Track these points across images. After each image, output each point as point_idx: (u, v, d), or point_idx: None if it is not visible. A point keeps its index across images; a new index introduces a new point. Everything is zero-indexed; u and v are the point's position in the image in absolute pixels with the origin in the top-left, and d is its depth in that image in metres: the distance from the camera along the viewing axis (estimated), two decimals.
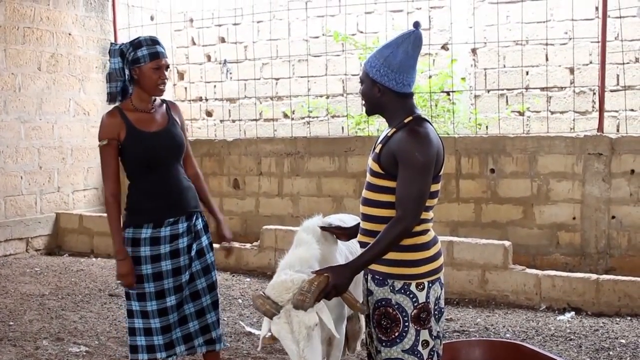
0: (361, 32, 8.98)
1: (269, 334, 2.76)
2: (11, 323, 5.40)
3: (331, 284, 2.58)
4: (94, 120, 9.03)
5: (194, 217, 3.64)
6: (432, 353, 2.67)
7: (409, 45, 2.61)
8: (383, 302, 2.64)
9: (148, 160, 3.50)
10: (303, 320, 2.65)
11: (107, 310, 5.76)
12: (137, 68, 3.45)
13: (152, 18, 9.90)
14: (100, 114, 9.06)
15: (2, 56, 7.92)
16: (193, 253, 3.60)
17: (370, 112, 2.78)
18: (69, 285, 6.65)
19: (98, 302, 6.03)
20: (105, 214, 8.36)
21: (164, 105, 3.66)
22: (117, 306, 5.89)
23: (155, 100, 3.59)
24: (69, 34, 8.68)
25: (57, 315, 5.62)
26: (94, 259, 7.96)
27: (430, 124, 2.67)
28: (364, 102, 2.77)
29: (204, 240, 3.67)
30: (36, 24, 8.26)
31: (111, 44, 3.58)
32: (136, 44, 3.46)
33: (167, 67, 3.51)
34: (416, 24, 2.65)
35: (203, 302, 3.62)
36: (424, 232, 2.65)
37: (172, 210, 3.55)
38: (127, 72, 3.49)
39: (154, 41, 3.49)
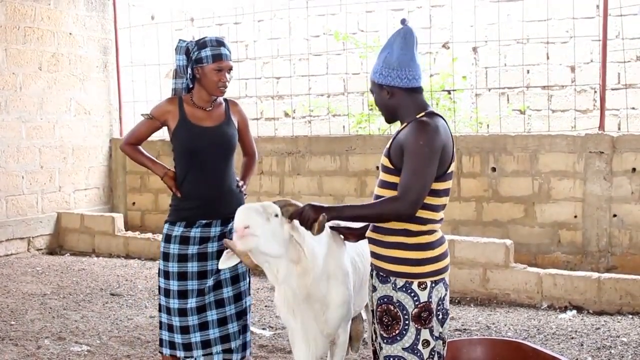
0: (362, 31, 8.97)
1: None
2: (13, 322, 5.40)
3: (306, 208, 2.68)
4: (94, 119, 9.04)
5: (231, 223, 3.57)
6: (433, 353, 2.66)
7: (401, 40, 2.64)
8: (385, 299, 2.65)
9: (191, 152, 3.52)
10: (263, 203, 2.81)
11: (108, 310, 5.77)
12: (199, 67, 3.48)
13: (152, 17, 9.90)
14: (101, 114, 9.11)
15: (3, 56, 7.92)
16: None
17: (389, 119, 2.78)
18: (70, 285, 6.65)
19: (99, 302, 6.03)
20: (106, 214, 8.46)
21: (224, 104, 3.67)
22: (118, 305, 5.90)
23: (215, 99, 3.61)
24: (70, 34, 8.68)
25: (59, 314, 5.63)
26: (95, 259, 7.96)
27: (444, 119, 2.67)
28: (380, 111, 2.78)
29: None
30: (37, 23, 8.27)
31: (179, 40, 3.59)
32: (201, 44, 3.48)
33: (230, 69, 3.52)
34: (403, 21, 2.70)
35: (226, 311, 3.60)
36: (430, 232, 2.64)
37: (205, 212, 3.55)
38: (189, 70, 3.52)
39: (219, 42, 3.49)
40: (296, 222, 2.78)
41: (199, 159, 3.53)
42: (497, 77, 8.40)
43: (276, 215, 2.76)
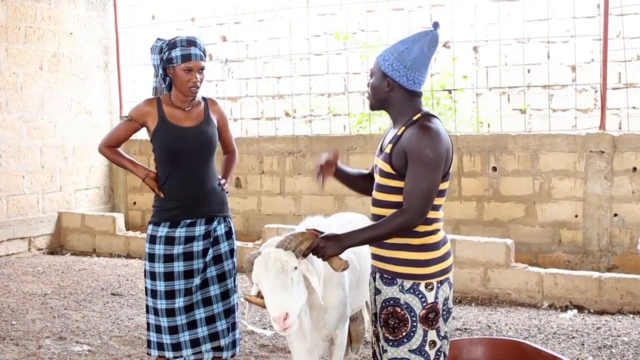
0: (362, 30, 8.97)
1: (255, 287, 2.74)
2: (14, 322, 5.41)
3: (321, 246, 2.59)
4: (95, 119, 9.05)
5: (215, 222, 3.60)
6: (439, 353, 2.65)
7: (425, 43, 2.57)
8: (391, 302, 2.62)
9: (172, 152, 3.51)
10: (279, 256, 2.64)
11: (109, 310, 5.77)
12: (171, 68, 3.47)
13: (153, 17, 9.90)
14: (101, 113, 9.12)
15: (4, 56, 7.92)
16: (209, 258, 3.57)
17: (375, 106, 2.72)
18: (71, 285, 6.66)
19: (100, 301, 6.03)
20: (107, 214, 8.46)
21: (203, 103, 3.65)
22: (119, 305, 5.90)
23: (193, 99, 3.58)
24: (71, 33, 8.68)
25: (60, 314, 5.63)
26: (96, 258, 7.97)
27: (440, 120, 2.64)
28: (370, 95, 2.70)
29: (224, 247, 3.63)
30: (37, 23, 8.27)
31: (156, 39, 3.57)
32: (172, 44, 3.46)
33: (201, 69, 3.48)
34: (435, 24, 2.62)
35: (214, 309, 3.60)
36: (435, 231, 2.63)
37: (189, 212, 3.54)
38: (160, 70, 3.52)
39: (189, 42, 3.46)
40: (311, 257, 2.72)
41: (179, 159, 3.52)
42: (498, 77, 8.39)
43: (295, 268, 2.65)
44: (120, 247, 8.10)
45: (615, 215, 6.47)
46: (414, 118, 2.60)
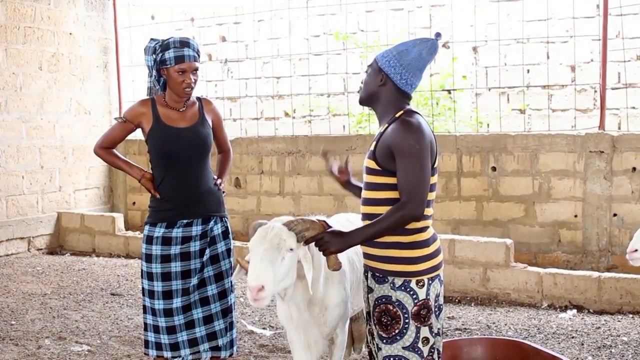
0: (362, 30, 8.97)
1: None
2: (13, 322, 5.41)
3: (325, 240, 2.62)
4: (95, 119, 9.05)
5: (212, 222, 3.61)
6: (433, 350, 2.67)
7: (424, 49, 2.66)
8: (383, 299, 2.65)
9: (167, 153, 3.51)
10: (281, 233, 2.68)
11: (109, 310, 5.77)
12: (164, 69, 3.46)
13: (152, 17, 9.89)
14: (101, 113, 9.12)
15: (3, 56, 7.92)
16: (206, 258, 3.57)
17: (363, 100, 2.80)
18: (70, 285, 6.66)
19: (100, 301, 6.03)
20: (106, 214, 8.46)
21: (197, 103, 3.64)
22: (118, 305, 5.90)
23: (188, 99, 3.57)
24: (70, 34, 8.68)
25: (59, 314, 5.63)
26: (95, 258, 7.97)
27: (422, 116, 2.69)
28: (361, 88, 2.79)
29: (221, 246, 3.64)
30: (37, 23, 8.27)
31: (150, 40, 3.56)
32: (164, 45, 3.45)
33: (195, 70, 3.47)
34: (437, 35, 2.73)
35: (212, 308, 3.60)
36: (424, 229, 2.65)
37: (185, 212, 3.54)
38: (154, 72, 3.51)
39: (182, 43, 3.45)
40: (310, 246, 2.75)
41: (174, 160, 3.52)
42: (497, 77, 8.39)
43: (291, 249, 2.68)
44: (119, 247, 8.10)
45: (615, 215, 6.48)
46: (397, 115, 2.65)
